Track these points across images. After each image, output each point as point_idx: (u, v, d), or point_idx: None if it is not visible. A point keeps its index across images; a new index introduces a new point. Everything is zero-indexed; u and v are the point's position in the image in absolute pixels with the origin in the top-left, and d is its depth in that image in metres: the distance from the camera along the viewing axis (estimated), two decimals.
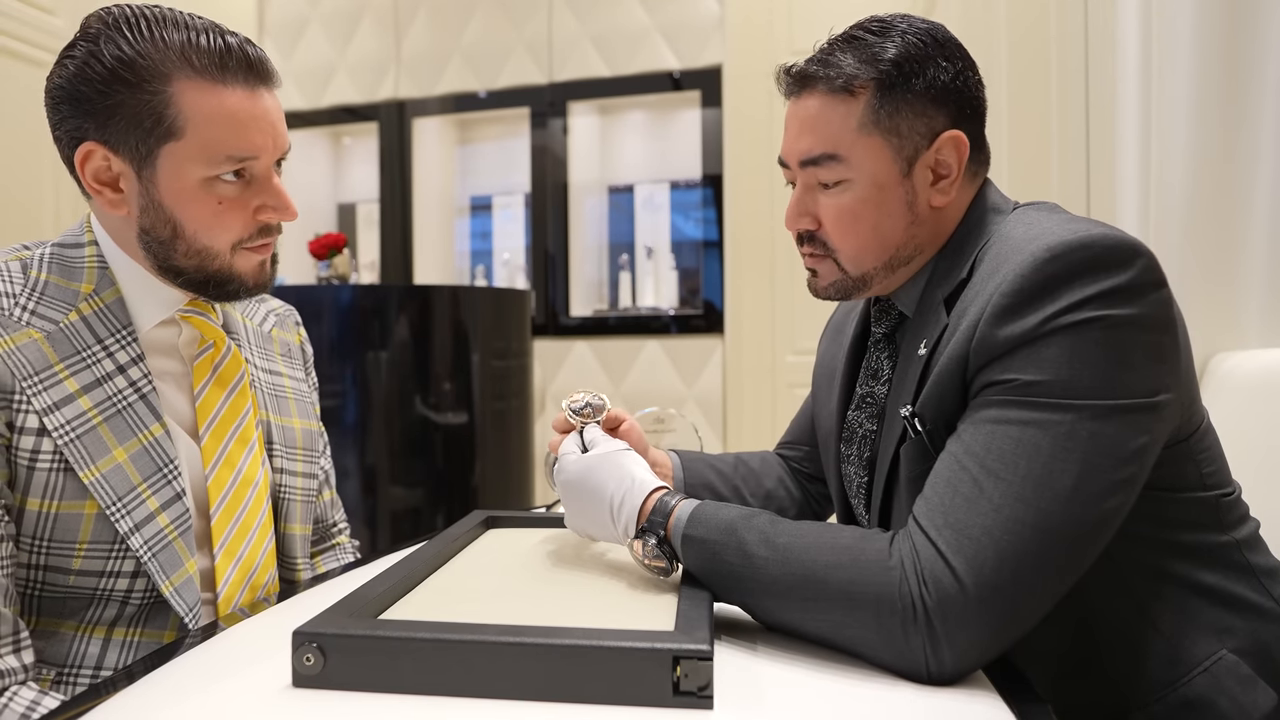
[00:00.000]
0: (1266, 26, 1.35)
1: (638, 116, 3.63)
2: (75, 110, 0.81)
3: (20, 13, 2.54)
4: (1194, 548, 0.80)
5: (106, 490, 0.80)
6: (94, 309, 0.84)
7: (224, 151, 0.82)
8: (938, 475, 0.71)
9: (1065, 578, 0.68)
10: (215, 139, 0.81)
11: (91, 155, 0.82)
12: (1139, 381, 0.69)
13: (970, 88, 0.84)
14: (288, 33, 3.79)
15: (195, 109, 0.80)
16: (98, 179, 0.83)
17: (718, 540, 0.73)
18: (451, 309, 2.73)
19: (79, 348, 0.82)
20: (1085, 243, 0.70)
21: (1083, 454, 0.67)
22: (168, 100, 0.80)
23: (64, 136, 0.83)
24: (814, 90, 0.83)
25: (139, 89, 0.79)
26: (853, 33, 0.84)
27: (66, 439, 0.79)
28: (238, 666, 0.69)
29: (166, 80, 0.80)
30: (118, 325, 0.85)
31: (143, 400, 0.84)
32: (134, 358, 0.85)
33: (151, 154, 0.81)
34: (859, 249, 0.85)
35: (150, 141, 0.81)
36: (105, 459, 0.81)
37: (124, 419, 0.83)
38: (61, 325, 0.82)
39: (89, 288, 0.85)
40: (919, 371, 0.79)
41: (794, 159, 0.86)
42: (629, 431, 1.00)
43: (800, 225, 0.87)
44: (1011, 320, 0.70)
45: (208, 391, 0.91)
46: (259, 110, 0.84)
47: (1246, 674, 0.77)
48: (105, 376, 0.83)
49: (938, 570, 0.65)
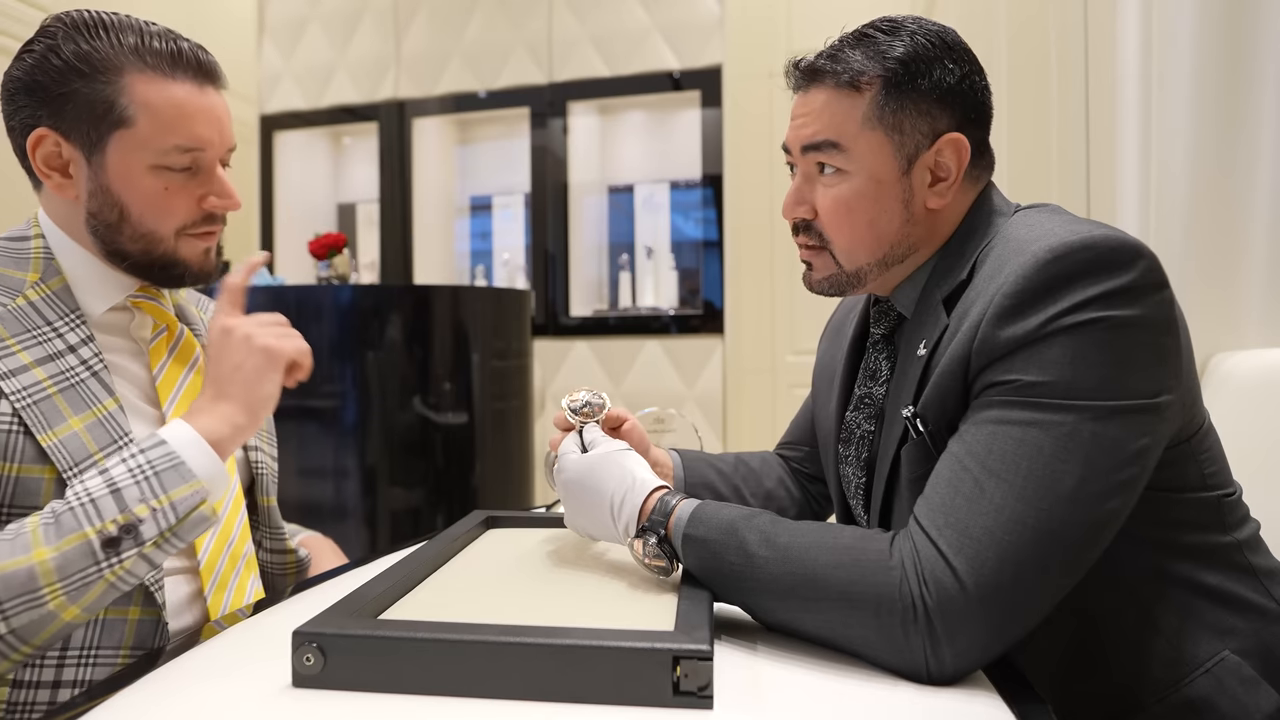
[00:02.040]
0: (1267, 27, 1.35)
1: (638, 116, 3.63)
2: (30, 99, 0.85)
3: (20, 13, 2.54)
4: (1196, 548, 0.80)
5: (64, 455, 0.82)
6: (41, 295, 0.87)
7: (172, 140, 0.86)
8: (939, 475, 0.71)
9: (1066, 578, 0.68)
10: (163, 128, 0.85)
11: (43, 140, 0.85)
12: (1141, 382, 0.69)
13: (976, 92, 0.84)
14: (288, 33, 3.79)
15: (145, 99, 0.85)
16: (48, 164, 0.86)
17: (718, 540, 0.73)
18: (451, 309, 2.73)
19: (28, 327, 0.85)
20: (1087, 243, 0.70)
21: (1084, 455, 0.67)
22: (120, 90, 0.84)
23: (18, 126, 0.87)
24: (821, 84, 0.84)
25: (93, 79, 0.84)
26: (864, 30, 0.85)
27: (23, 403, 0.81)
28: (237, 666, 0.69)
29: (120, 72, 0.84)
30: (65, 310, 0.87)
31: (94, 377, 0.87)
32: (84, 338, 0.88)
33: (102, 140, 0.85)
34: (853, 242, 0.85)
35: (101, 128, 0.85)
36: (61, 426, 0.83)
37: (77, 393, 0.85)
38: (10, 308, 0.84)
39: (35, 276, 0.88)
40: (919, 372, 0.79)
41: (796, 145, 0.86)
42: (630, 431, 1.00)
43: (797, 214, 0.87)
44: (1013, 321, 0.70)
45: (167, 369, 0.95)
46: (206, 105, 0.88)
47: (1249, 675, 0.77)
48: (57, 354, 0.85)
49: (938, 570, 0.65)
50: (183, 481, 0.75)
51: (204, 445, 0.77)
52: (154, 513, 0.72)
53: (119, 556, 0.71)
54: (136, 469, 0.74)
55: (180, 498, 0.74)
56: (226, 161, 0.93)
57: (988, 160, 0.87)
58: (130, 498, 0.72)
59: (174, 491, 0.74)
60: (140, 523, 0.72)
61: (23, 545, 0.70)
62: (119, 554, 0.71)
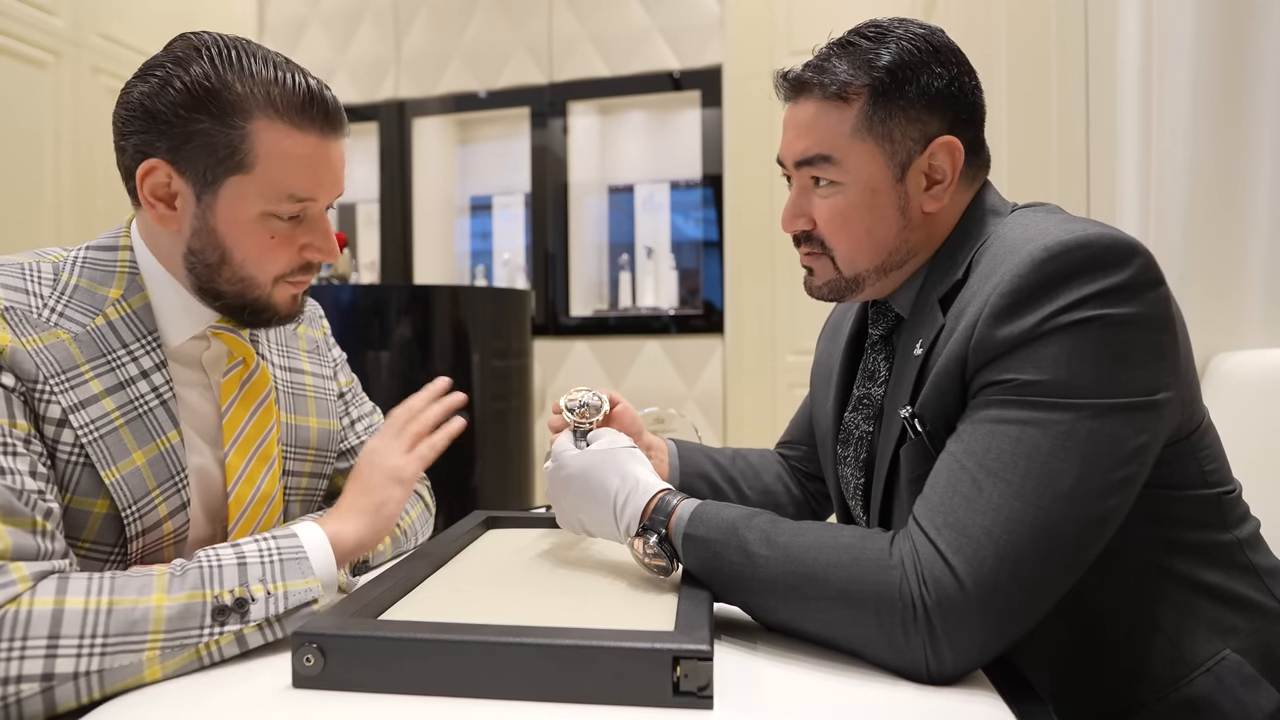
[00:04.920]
0: (1268, 26, 1.35)
1: (638, 116, 3.63)
2: (149, 127, 0.82)
3: (20, 13, 2.53)
4: (1196, 546, 0.80)
5: (125, 492, 0.82)
6: (120, 314, 0.85)
7: (287, 190, 0.84)
8: (937, 475, 0.71)
9: (1065, 577, 0.68)
10: (281, 178, 0.83)
11: (154, 171, 0.82)
12: (1138, 380, 0.69)
13: (966, 93, 0.84)
14: (288, 33, 3.79)
15: (270, 148, 0.82)
16: (154, 194, 0.84)
17: (719, 539, 0.73)
18: (451, 309, 2.73)
19: (104, 350, 0.83)
20: (1083, 242, 0.70)
21: (1082, 453, 0.67)
22: (245, 135, 0.81)
23: (129, 148, 0.83)
24: (810, 96, 0.84)
25: (220, 120, 0.81)
26: (849, 38, 0.85)
27: (91, 437, 0.80)
28: (238, 667, 0.69)
29: (248, 117, 0.81)
30: (143, 331, 0.86)
31: (163, 406, 0.86)
32: (157, 364, 0.86)
33: (217, 182, 0.82)
34: (852, 250, 0.85)
35: (219, 170, 0.82)
36: (125, 461, 0.82)
37: (144, 423, 0.84)
38: (88, 329, 0.83)
39: (117, 293, 0.86)
40: (915, 372, 0.79)
41: (790, 159, 0.87)
42: (623, 414, 1.00)
43: (796, 226, 0.88)
44: (1010, 320, 0.70)
45: (234, 409, 0.93)
46: (328, 158, 0.87)
47: (1250, 674, 0.77)
48: (129, 380, 0.84)
49: (937, 569, 0.65)
50: (302, 576, 0.76)
51: (328, 550, 0.79)
52: (268, 596, 0.73)
53: (221, 628, 0.70)
54: (265, 551, 0.76)
55: (295, 590, 0.75)
56: (331, 205, 0.91)
57: (983, 159, 0.87)
58: (252, 575, 0.73)
59: (292, 582, 0.75)
60: (252, 601, 0.72)
61: (146, 586, 0.69)
62: (223, 625, 0.70)
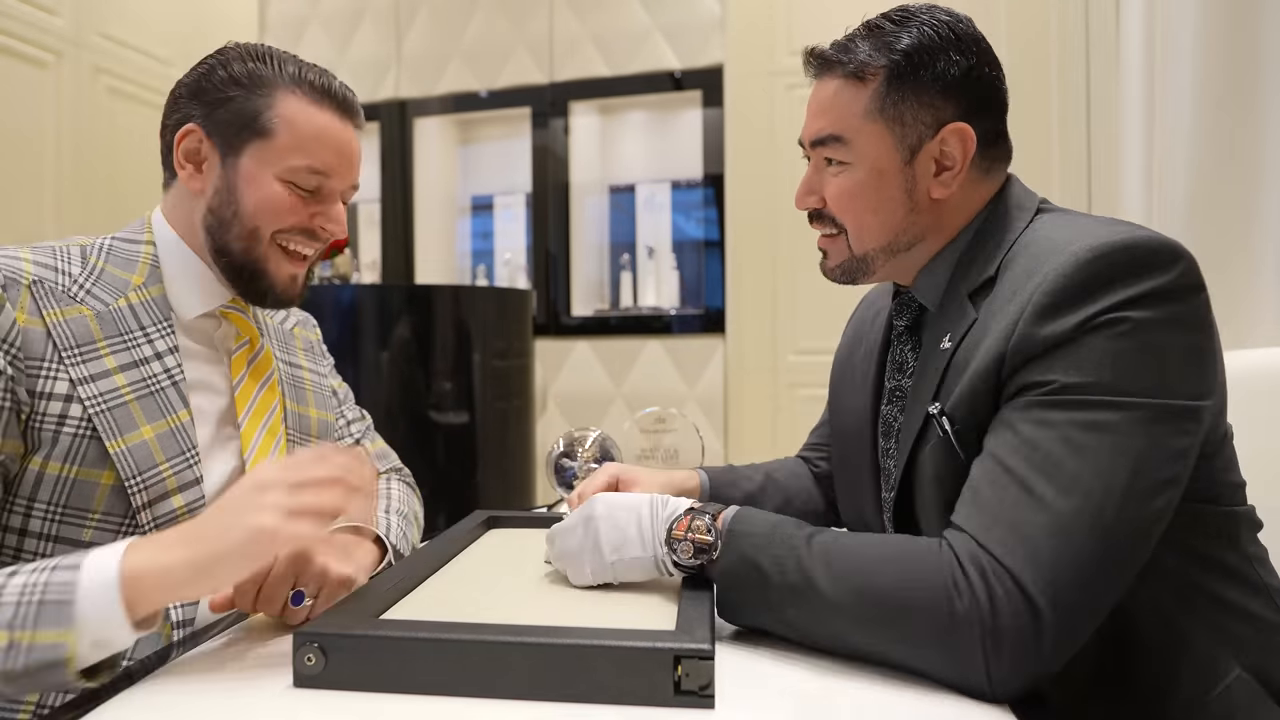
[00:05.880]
0: (1272, 24, 1.34)
1: (639, 116, 3.62)
2: (190, 100, 0.94)
3: (21, 12, 2.54)
4: (1220, 562, 0.79)
5: (129, 462, 0.84)
6: (141, 299, 0.92)
7: (304, 160, 0.93)
8: (981, 480, 0.70)
9: (1121, 579, 0.67)
10: (299, 146, 0.92)
11: (189, 135, 0.93)
12: (1180, 383, 0.69)
13: (985, 83, 0.84)
14: (288, 33, 3.79)
15: (290, 117, 0.93)
16: (187, 156, 0.94)
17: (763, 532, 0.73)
18: (453, 309, 2.73)
19: (122, 330, 0.89)
20: (1128, 244, 0.70)
21: (1130, 454, 0.66)
22: (269, 104, 0.92)
23: (171, 124, 0.95)
24: (832, 74, 0.86)
25: (250, 91, 0.92)
26: (876, 21, 0.86)
27: (98, 409, 0.84)
28: (238, 666, 0.69)
29: (273, 89, 0.93)
30: (160, 316, 0.92)
31: (174, 387, 0.90)
32: (171, 347, 0.92)
33: (241, 144, 0.92)
34: (859, 228, 0.87)
35: (244, 134, 0.92)
36: (132, 433, 0.85)
37: (155, 401, 0.88)
38: (111, 308, 0.89)
39: (139, 280, 0.93)
40: (942, 366, 0.79)
41: (806, 140, 0.89)
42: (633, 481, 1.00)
43: (807, 203, 0.90)
44: (1052, 319, 0.70)
45: (244, 384, 0.98)
46: (343, 137, 0.96)
47: (1257, 690, 0.76)
48: (143, 360, 0.89)
49: (992, 577, 0.64)
50: (56, 625, 0.62)
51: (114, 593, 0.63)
52: (10, 647, 0.61)
53: None
54: (30, 587, 0.64)
55: (42, 644, 0.62)
56: (348, 198, 1.00)
57: (1002, 150, 0.87)
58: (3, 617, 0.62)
59: (42, 632, 0.62)
60: None
61: None
62: None
